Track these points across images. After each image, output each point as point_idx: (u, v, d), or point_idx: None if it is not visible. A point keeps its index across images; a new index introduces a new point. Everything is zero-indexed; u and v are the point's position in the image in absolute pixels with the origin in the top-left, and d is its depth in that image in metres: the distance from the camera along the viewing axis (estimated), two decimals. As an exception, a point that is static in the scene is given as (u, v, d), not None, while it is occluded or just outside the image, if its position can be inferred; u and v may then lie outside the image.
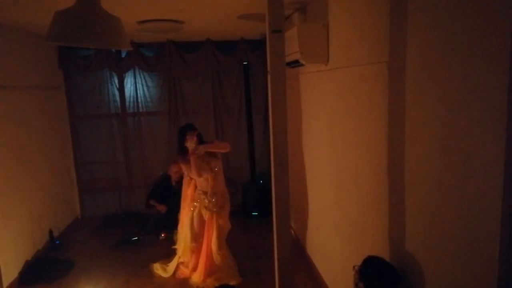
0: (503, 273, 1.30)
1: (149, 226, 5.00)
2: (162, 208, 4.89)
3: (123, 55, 5.23)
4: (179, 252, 3.77)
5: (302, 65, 3.21)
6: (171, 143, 5.48)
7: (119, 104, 5.43)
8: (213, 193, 3.53)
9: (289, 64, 3.26)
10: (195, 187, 3.65)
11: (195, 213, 3.60)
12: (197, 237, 3.62)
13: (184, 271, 3.74)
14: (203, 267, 3.59)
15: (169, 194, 4.86)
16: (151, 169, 5.55)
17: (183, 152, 3.53)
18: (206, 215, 3.57)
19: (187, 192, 3.70)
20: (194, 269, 3.68)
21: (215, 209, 3.53)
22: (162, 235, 4.71)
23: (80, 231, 5.06)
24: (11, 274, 3.64)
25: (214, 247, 3.54)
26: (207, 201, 3.54)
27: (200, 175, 3.46)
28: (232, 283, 3.53)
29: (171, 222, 4.74)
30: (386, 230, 2.13)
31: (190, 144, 3.44)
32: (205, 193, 3.57)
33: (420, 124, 1.74)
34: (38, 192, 4.34)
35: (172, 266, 3.82)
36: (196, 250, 3.65)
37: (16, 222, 3.83)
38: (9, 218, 3.69)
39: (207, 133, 4.97)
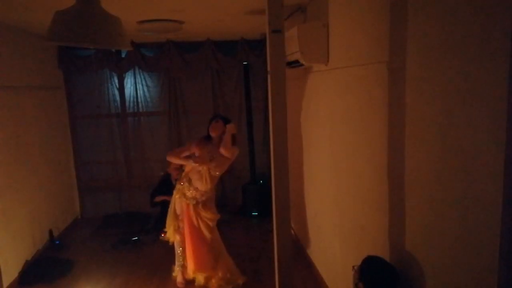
0: (503, 273, 1.30)
1: (149, 226, 5.00)
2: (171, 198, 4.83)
3: (123, 55, 5.23)
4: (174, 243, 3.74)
5: (302, 65, 3.21)
6: (171, 143, 5.48)
7: (119, 104, 5.44)
8: (195, 187, 3.44)
9: (289, 64, 3.26)
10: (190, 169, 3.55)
11: (177, 196, 3.55)
12: (178, 218, 3.59)
13: (182, 280, 3.66)
14: (192, 260, 3.56)
15: (170, 193, 4.86)
16: (151, 169, 5.56)
17: (207, 138, 3.49)
18: (184, 203, 3.51)
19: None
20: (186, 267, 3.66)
21: (194, 202, 3.46)
22: (162, 235, 4.69)
23: (80, 231, 5.06)
24: (11, 274, 3.64)
25: (206, 233, 3.52)
26: (188, 192, 3.47)
27: (228, 152, 3.32)
28: (239, 281, 3.56)
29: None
30: (386, 230, 2.13)
31: (215, 131, 3.40)
32: (189, 181, 3.48)
33: (420, 124, 1.74)
34: (38, 192, 4.34)
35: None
36: (182, 245, 3.63)
37: (16, 222, 3.83)
38: (9, 218, 3.69)
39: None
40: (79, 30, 1.71)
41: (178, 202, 3.56)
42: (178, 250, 3.69)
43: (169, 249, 4.20)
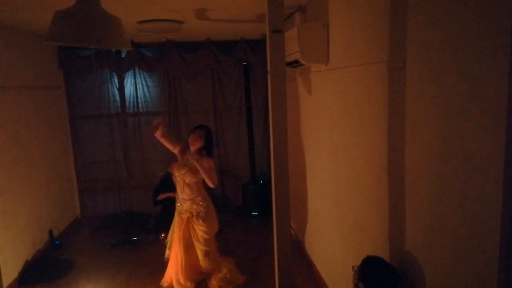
0: (503, 273, 1.30)
1: (149, 226, 5.00)
2: (175, 194, 4.74)
3: (123, 55, 5.23)
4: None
5: (302, 65, 3.21)
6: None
7: (119, 104, 5.44)
8: (182, 198, 3.41)
9: (289, 64, 3.26)
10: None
11: (176, 216, 3.53)
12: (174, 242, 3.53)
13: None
14: (173, 272, 3.49)
15: (173, 189, 4.83)
16: (151, 169, 5.56)
17: (186, 147, 3.46)
18: (180, 219, 3.46)
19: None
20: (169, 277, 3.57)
21: (188, 215, 3.40)
22: (162, 235, 4.70)
23: (80, 231, 5.06)
24: (11, 274, 3.64)
25: (199, 254, 3.45)
26: (180, 206, 3.45)
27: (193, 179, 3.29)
28: (239, 281, 3.55)
29: (171, 222, 4.74)
30: (386, 230, 2.13)
31: (192, 144, 3.35)
32: (177, 197, 3.48)
33: (420, 124, 1.74)
34: (38, 192, 4.34)
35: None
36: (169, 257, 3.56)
37: (16, 222, 3.83)
38: (9, 218, 3.69)
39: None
40: (79, 30, 1.71)
41: (176, 221, 3.53)
42: None
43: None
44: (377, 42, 2.14)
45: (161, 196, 4.83)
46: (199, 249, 3.44)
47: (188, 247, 3.44)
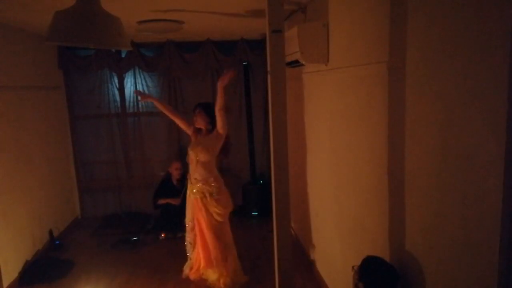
0: (503, 273, 1.30)
1: (149, 226, 5.00)
2: (175, 201, 4.73)
3: (123, 55, 5.23)
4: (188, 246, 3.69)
5: (302, 65, 3.21)
6: (171, 143, 5.49)
7: (119, 104, 5.44)
8: (194, 179, 3.42)
9: (289, 64, 3.26)
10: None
11: (189, 194, 3.55)
12: (189, 221, 3.56)
13: (196, 272, 3.62)
14: (200, 257, 3.50)
15: (171, 194, 4.84)
16: (151, 169, 5.56)
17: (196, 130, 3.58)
18: (194, 200, 3.46)
19: None
20: (199, 265, 3.56)
21: (201, 195, 3.39)
22: (162, 235, 4.71)
23: (80, 231, 5.06)
24: (11, 274, 3.63)
25: (208, 238, 3.42)
26: (194, 187, 3.45)
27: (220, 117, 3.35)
28: (242, 281, 3.54)
29: (171, 222, 4.74)
30: (386, 230, 2.13)
31: (199, 123, 3.50)
32: (190, 176, 3.50)
33: (420, 124, 1.74)
34: (38, 192, 4.34)
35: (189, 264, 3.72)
36: (194, 244, 3.57)
37: (16, 222, 3.82)
38: (9, 218, 3.69)
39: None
40: (79, 30, 1.72)
41: (189, 201, 3.55)
42: (187, 248, 3.68)
43: (169, 249, 4.20)
44: (377, 42, 2.14)
45: (161, 202, 4.85)
46: (212, 231, 3.43)
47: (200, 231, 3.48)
